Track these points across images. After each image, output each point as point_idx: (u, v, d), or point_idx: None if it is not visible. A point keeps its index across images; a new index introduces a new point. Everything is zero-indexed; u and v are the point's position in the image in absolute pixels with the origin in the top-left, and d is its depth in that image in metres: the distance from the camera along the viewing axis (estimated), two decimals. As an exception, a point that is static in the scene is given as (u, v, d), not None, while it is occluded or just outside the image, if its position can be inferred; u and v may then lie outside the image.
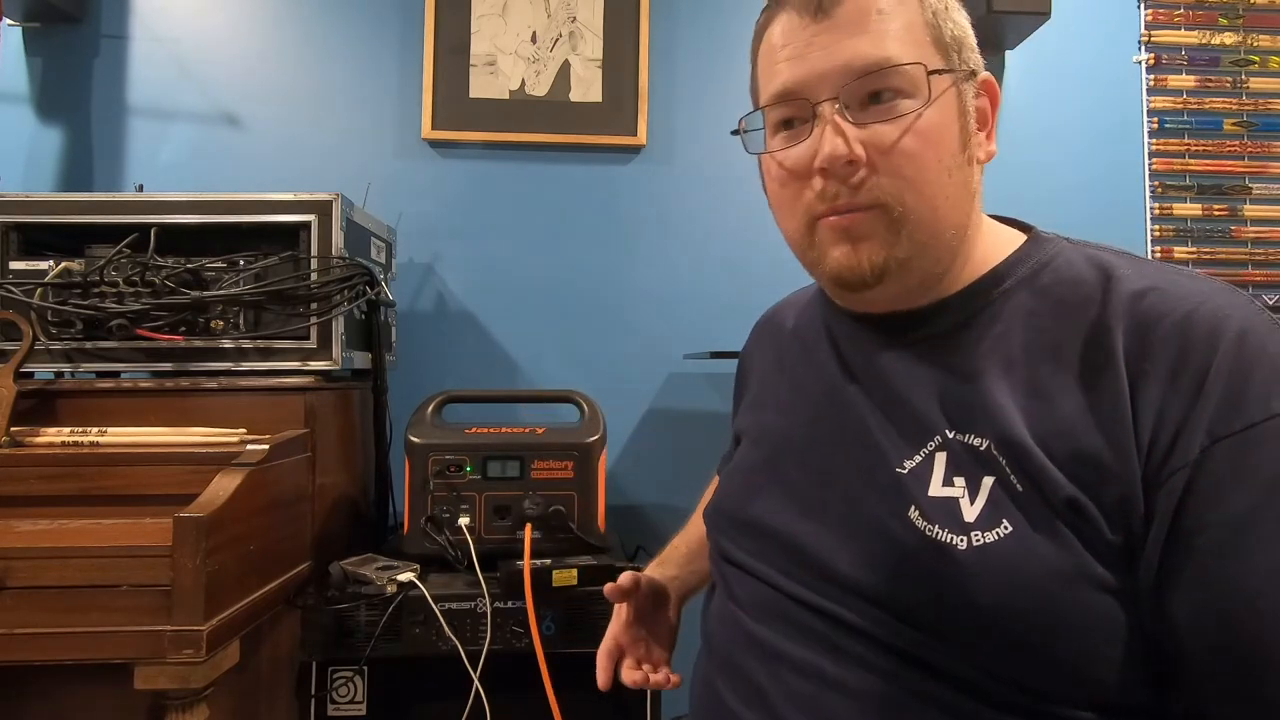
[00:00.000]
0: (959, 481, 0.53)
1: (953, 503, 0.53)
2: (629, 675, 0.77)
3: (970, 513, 0.52)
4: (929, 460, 0.55)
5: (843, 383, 0.64)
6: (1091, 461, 0.49)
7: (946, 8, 0.58)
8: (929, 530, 0.53)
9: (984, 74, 0.60)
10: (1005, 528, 0.50)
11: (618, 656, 0.80)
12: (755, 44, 0.62)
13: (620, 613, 0.81)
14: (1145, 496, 0.48)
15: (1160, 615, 0.48)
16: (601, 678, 0.78)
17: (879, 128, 0.54)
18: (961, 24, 0.59)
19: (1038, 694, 0.49)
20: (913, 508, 0.54)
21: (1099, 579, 0.48)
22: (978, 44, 0.60)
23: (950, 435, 0.55)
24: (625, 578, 0.78)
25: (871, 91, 0.55)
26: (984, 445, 0.53)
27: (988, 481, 0.52)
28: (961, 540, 0.51)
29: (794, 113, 0.58)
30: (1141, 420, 0.49)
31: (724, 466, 0.84)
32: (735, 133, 0.63)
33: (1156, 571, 0.48)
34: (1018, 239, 0.62)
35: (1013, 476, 0.51)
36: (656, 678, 0.76)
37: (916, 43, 0.55)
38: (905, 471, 0.56)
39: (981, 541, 0.50)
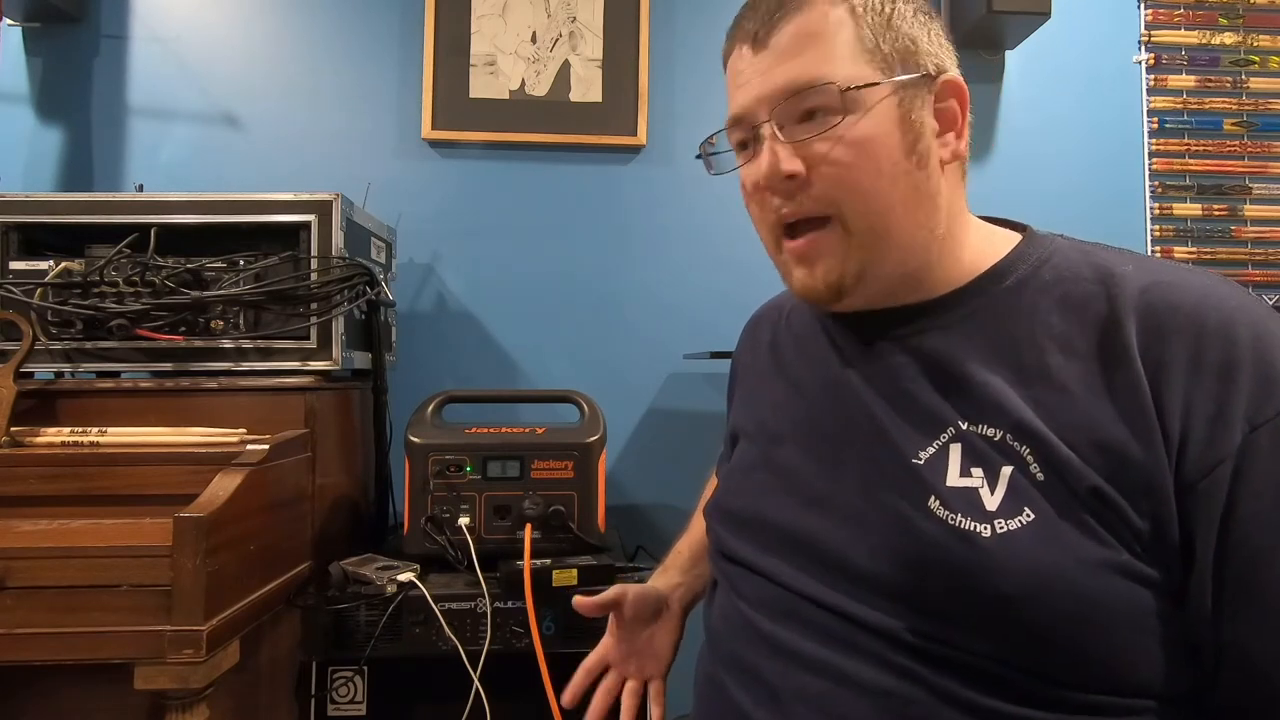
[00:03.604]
0: (976, 472, 0.54)
1: (972, 492, 0.53)
2: (593, 709, 0.79)
3: (991, 502, 0.52)
4: (943, 451, 0.55)
5: (844, 375, 0.64)
6: (1115, 450, 0.50)
7: (887, 23, 0.58)
8: (951, 519, 0.53)
9: (948, 76, 0.60)
10: (1027, 515, 0.51)
11: (598, 673, 0.81)
12: (725, 72, 0.65)
13: (612, 626, 0.81)
14: (1180, 490, 0.49)
15: (1219, 616, 0.49)
16: (568, 694, 0.79)
17: (813, 143, 0.57)
18: (907, 33, 0.59)
19: (1062, 685, 0.49)
20: (933, 497, 0.54)
21: (1126, 567, 0.49)
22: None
23: (964, 426, 0.55)
24: (608, 592, 0.79)
25: (804, 110, 0.58)
26: (999, 436, 0.54)
27: (1006, 471, 0.53)
28: (985, 528, 0.51)
29: (744, 135, 0.62)
30: (1167, 411, 0.49)
31: (721, 467, 0.84)
32: (699, 157, 0.67)
33: (1214, 567, 0.48)
34: (1013, 239, 0.62)
35: (1033, 466, 0.52)
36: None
37: (849, 60, 0.57)
38: (921, 462, 0.56)
39: (1005, 529, 0.51)
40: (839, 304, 0.61)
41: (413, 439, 1.14)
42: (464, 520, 1.10)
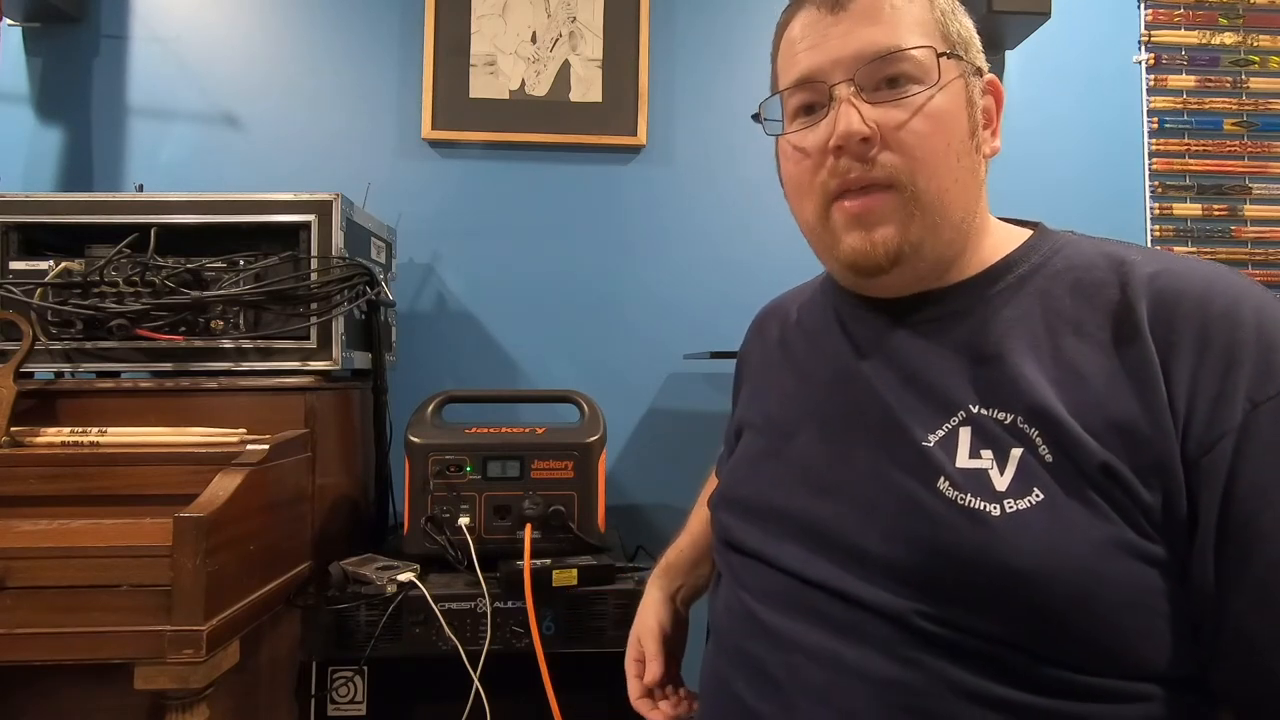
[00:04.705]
0: (986, 454, 0.54)
1: (982, 474, 0.54)
2: None
3: (1001, 482, 0.53)
4: (953, 434, 0.56)
5: (855, 362, 0.65)
6: (1127, 428, 0.51)
7: (954, 10, 0.62)
8: (960, 499, 0.53)
9: (989, 75, 0.64)
10: (1036, 496, 0.51)
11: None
12: (775, 42, 0.66)
13: (649, 669, 0.80)
14: (1186, 466, 0.50)
15: (1220, 592, 0.49)
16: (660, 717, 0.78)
17: (891, 109, 0.58)
18: (968, 26, 0.63)
19: (1068, 668, 0.50)
20: (942, 478, 0.55)
21: (1136, 547, 0.49)
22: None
23: (975, 410, 0.56)
24: (647, 675, 0.79)
25: (884, 76, 0.58)
26: (1010, 419, 0.54)
27: (1016, 452, 0.53)
28: (994, 507, 0.52)
29: (812, 97, 0.61)
30: (1175, 390, 0.51)
31: (721, 465, 0.84)
32: (755, 117, 0.66)
33: (1215, 541, 0.49)
34: (1025, 233, 0.64)
35: (1042, 447, 0.53)
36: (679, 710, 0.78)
37: (926, 35, 0.59)
38: (931, 444, 0.56)
39: (1014, 509, 0.51)
40: (884, 276, 0.60)
41: (413, 439, 1.13)
42: (464, 520, 1.10)
